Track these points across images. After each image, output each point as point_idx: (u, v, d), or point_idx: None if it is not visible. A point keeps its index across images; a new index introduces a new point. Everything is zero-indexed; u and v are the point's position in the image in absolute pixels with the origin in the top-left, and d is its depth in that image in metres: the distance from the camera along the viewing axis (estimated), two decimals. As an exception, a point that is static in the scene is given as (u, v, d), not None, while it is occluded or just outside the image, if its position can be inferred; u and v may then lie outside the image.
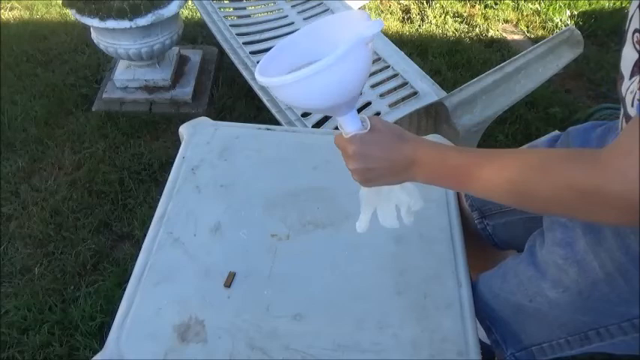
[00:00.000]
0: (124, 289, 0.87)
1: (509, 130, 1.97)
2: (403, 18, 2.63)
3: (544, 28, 2.59)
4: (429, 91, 1.62)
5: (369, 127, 0.67)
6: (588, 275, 0.72)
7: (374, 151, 0.66)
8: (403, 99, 1.62)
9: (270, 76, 0.63)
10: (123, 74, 2.08)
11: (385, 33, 2.33)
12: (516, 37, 2.55)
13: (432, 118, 1.67)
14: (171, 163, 1.09)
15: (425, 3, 2.70)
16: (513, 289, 0.83)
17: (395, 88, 1.67)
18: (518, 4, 2.73)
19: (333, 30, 0.67)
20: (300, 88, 0.61)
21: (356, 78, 0.63)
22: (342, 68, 0.59)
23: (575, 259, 0.73)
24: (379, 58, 1.78)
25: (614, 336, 0.74)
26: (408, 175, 0.68)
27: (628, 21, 0.58)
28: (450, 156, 0.64)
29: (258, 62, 2.05)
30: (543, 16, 2.65)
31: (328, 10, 2.09)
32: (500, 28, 2.60)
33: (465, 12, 2.66)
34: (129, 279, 0.89)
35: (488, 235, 1.01)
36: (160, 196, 1.02)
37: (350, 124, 0.67)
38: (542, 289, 0.78)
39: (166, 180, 1.05)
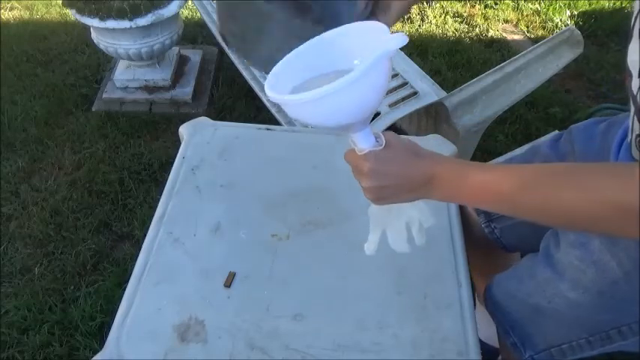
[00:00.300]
0: (124, 289, 0.87)
1: (509, 130, 1.97)
2: (403, 18, 2.63)
3: (544, 28, 2.59)
4: (429, 91, 1.62)
5: (384, 144, 0.64)
6: (607, 275, 0.71)
7: (390, 168, 0.64)
8: (403, 99, 1.61)
9: (281, 92, 0.58)
10: (123, 74, 2.08)
11: (385, 33, 2.33)
12: (516, 37, 2.55)
13: (432, 118, 1.67)
14: (171, 163, 1.09)
15: (425, 3, 2.70)
16: (530, 291, 0.83)
17: (395, 88, 1.67)
18: (518, 4, 2.73)
19: (348, 41, 0.63)
20: (319, 106, 0.56)
21: (376, 94, 0.60)
22: (364, 84, 0.55)
23: (591, 259, 0.73)
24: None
25: (637, 334, 0.74)
26: (423, 193, 0.66)
27: (634, 18, 0.58)
28: (470, 173, 0.62)
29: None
30: (543, 16, 2.65)
31: (328, 10, 2.08)
32: (500, 28, 2.60)
33: (465, 12, 2.66)
34: (129, 279, 0.89)
35: (496, 239, 1.01)
36: (160, 196, 1.02)
37: (364, 141, 0.64)
38: (561, 291, 0.77)
39: (166, 180, 1.05)
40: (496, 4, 2.73)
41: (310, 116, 0.60)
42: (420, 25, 2.56)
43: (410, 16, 2.62)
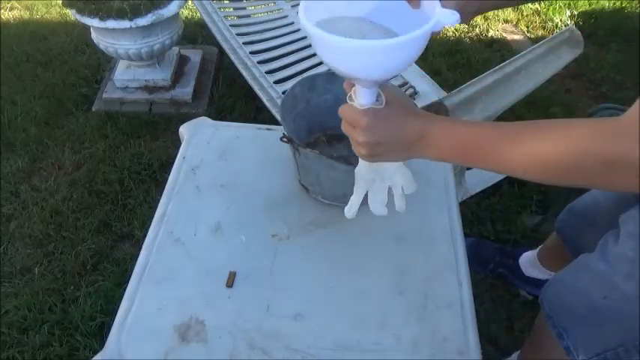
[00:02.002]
0: (124, 289, 0.87)
1: (509, 130, 1.96)
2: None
3: (544, 28, 2.59)
4: (428, 91, 1.62)
5: (384, 102, 0.66)
6: None
7: (387, 125, 0.65)
8: (403, 99, 1.61)
9: (307, 22, 0.58)
10: (123, 74, 2.08)
11: (385, 33, 2.33)
12: (516, 37, 2.55)
13: (432, 118, 1.67)
14: (171, 163, 1.09)
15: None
16: (586, 286, 0.82)
17: (395, 88, 1.67)
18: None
19: None
20: (363, 56, 0.58)
21: (411, 60, 0.62)
22: (412, 47, 0.58)
23: None
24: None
25: None
26: (416, 151, 0.67)
27: None
28: (461, 131, 0.63)
29: (258, 62, 2.02)
30: (543, 16, 2.65)
31: (328, 10, 2.08)
32: (500, 28, 2.60)
33: (465, 12, 2.65)
34: (129, 279, 0.89)
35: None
36: (160, 196, 1.02)
37: (368, 97, 0.66)
38: (616, 284, 0.77)
39: (166, 180, 1.05)
40: (496, 4, 2.73)
41: (345, 62, 0.61)
42: (420, 25, 2.56)
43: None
